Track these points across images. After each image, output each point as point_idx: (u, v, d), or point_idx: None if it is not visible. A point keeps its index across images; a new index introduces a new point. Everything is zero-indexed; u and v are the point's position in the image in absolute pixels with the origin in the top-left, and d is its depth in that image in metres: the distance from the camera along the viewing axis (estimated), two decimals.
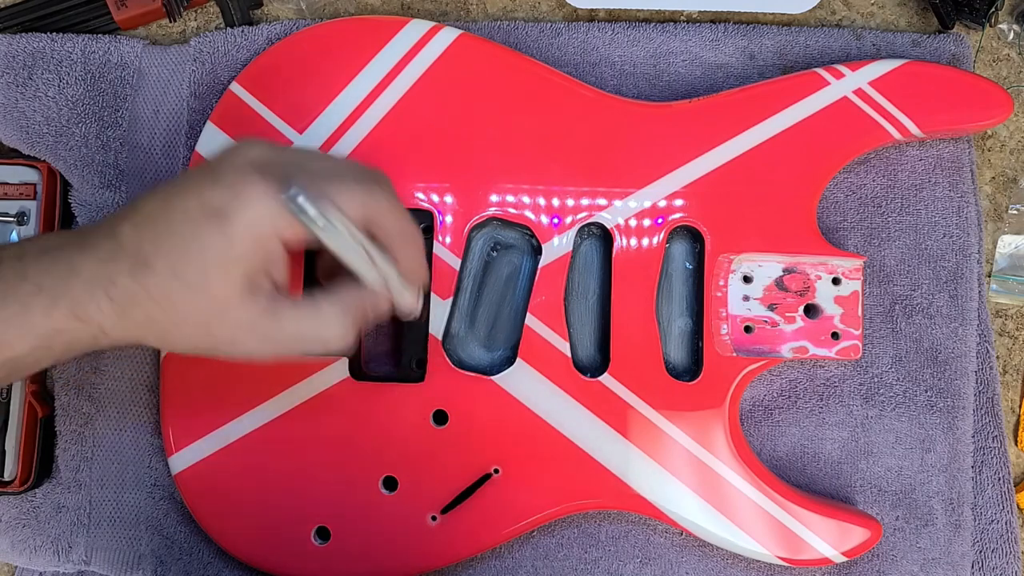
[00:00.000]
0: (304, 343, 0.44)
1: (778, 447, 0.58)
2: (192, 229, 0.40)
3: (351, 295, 0.45)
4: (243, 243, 0.40)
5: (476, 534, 0.55)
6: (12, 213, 0.59)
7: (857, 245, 0.59)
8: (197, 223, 0.40)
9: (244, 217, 0.40)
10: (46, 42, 0.60)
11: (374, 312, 0.46)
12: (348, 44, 0.57)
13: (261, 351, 0.43)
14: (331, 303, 0.44)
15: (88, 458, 0.58)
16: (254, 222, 0.40)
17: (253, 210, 0.40)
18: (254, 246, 0.41)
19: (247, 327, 0.42)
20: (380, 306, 0.46)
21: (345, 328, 0.44)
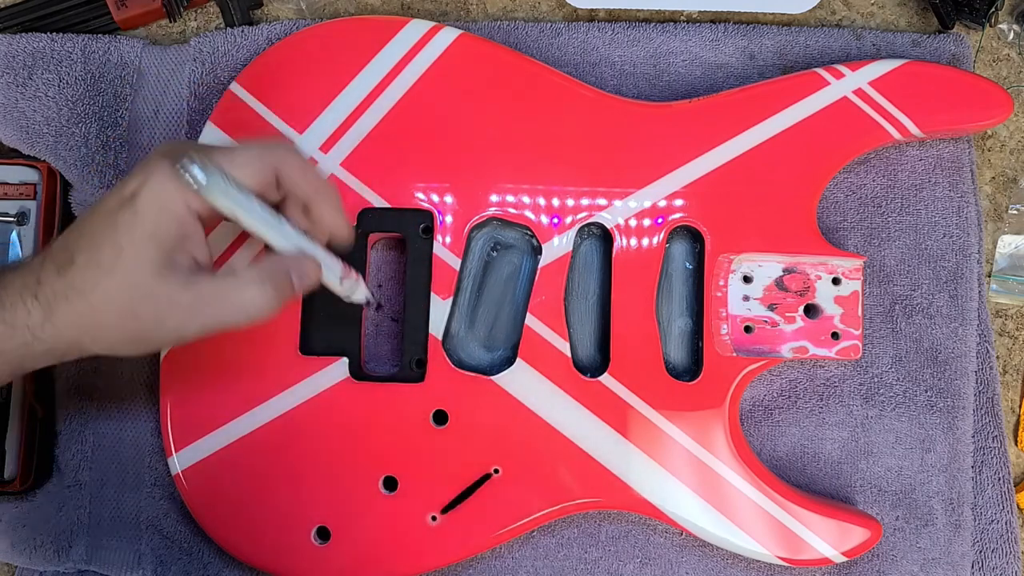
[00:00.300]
0: (226, 313, 0.45)
1: (778, 447, 0.58)
2: (108, 219, 0.43)
3: (270, 261, 0.46)
4: (151, 218, 0.43)
5: (476, 534, 0.55)
6: (12, 213, 0.59)
7: (857, 245, 0.59)
8: (112, 213, 0.43)
9: (150, 193, 0.43)
10: (46, 42, 0.60)
11: (300, 279, 0.47)
12: (348, 44, 0.57)
13: (186, 326, 0.44)
14: (249, 271, 0.45)
15: (88, 458, 0.58)
16: (159, 197, 0.43)
17: (158, 186, 0.43)
18: (164, 220, 0.43)
19: (167, 302, 0.44)
20: (305, 272, 0.47)
21: (265, 294, 0.45)
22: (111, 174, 0.59)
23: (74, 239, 0.44)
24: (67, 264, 0.43)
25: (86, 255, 0.43)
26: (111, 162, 0.59)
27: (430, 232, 0.56)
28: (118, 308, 0.43)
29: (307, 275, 0.47)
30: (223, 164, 0.44)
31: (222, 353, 0.55)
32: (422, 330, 0.55)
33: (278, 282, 0.46)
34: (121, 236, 0.42)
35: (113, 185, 0.59)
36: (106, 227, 0.43)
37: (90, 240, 0.43)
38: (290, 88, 0.57)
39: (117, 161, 0.60)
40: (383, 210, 0.56)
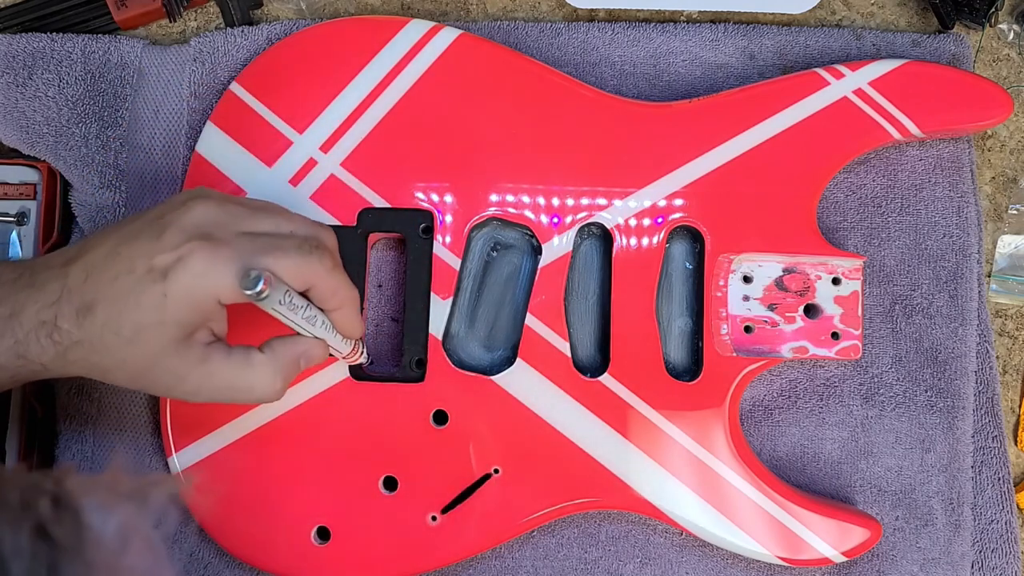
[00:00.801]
0: (234, 392, 0.46)
1: (778, 447, 0.58)
2: (133, 285, 0.42)
3: (284, 348, 0.47)
4: (180, 307, 0.42)
5: (476, 534, 0.55)
6: (12, 213, 0.59)
7: (857, 245, 0.59)
8: (139, 280, 0.42)
9: (183, 283, 0.42)
10: (46, 42, 0.60)
11: (307, 362, 0.48)
12: (348, 44, 0.57)
13: (196, 398, 0.46)
14: (263, 359, 0.46)
15: (88, 458, 0.58)
16: (193, 288, 0.42)
17: (193, 277, 0.42)
18: (192, 310, 0.43)
19: (178, 377, 0.44)
20: (312, 357, 0.48)
21: (275, 380, 0.46)
22: (111, 174, 0.59)
23: (93, 285, 0.43)
24: (86, 312, 0.43)
25: (107, 315, 0.42)
26: (111, 162, 0.59)
27: (430, 232, 0.56)
28: (132, 372, 0.44)
29: (315, 359, 0.48)
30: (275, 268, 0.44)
31: None
32: (422, 330, 0.55)
33: (288, 370, 0.47)
34: (144, 314, 0.42)
35: (114, 185, 0.59)
36: (130, 297, 0.42)
37: (111, 300, 0.43)
38: (290, 88, 0.57)
39: (117, 161, 0.60)
40: (383, 210, 0.56)
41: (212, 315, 0.44)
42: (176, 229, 0.43)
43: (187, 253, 0.42)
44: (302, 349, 0.47)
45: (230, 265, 0.42)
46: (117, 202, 0.59)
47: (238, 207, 0.46)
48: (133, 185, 0.60)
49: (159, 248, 0.43)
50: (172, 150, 0.60)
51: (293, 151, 0.56)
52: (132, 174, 0.60)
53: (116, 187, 0.59)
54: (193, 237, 0.43)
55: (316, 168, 0.56)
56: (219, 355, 0.45)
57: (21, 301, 0.43)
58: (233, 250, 0.43)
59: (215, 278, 0.42)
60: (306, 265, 0.45)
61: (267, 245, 0.44)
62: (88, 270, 0.43)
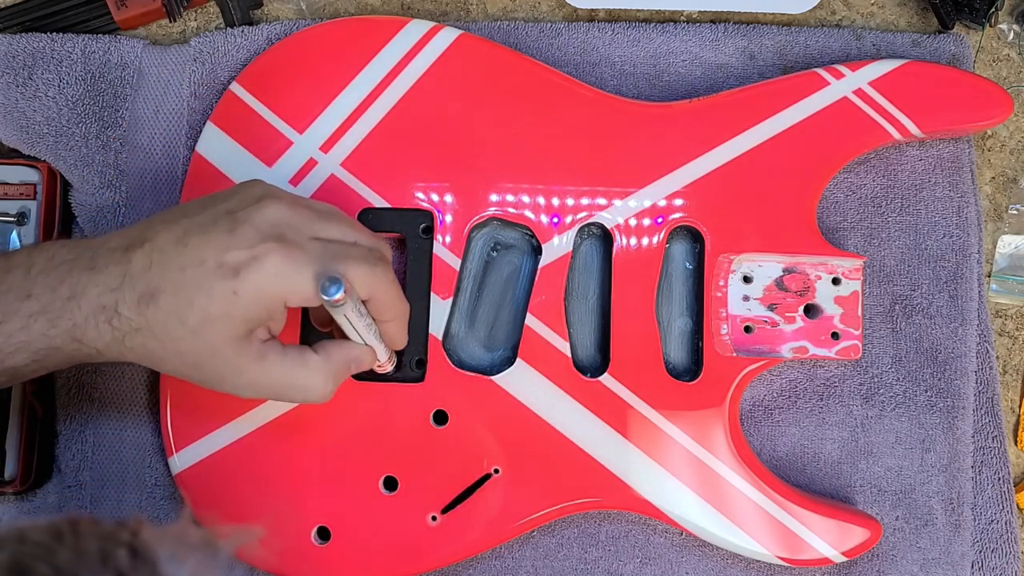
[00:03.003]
0: (287, 391, 0.47)
1: (778, 447, 0.58)
2: (203, 278, 0.43)
3: (338, 352, 0.48)
4: (250, 305, 0.43)
5: (476, 534, 0.55)
6: (12, 213, 0.59)
7: (857, 245, 0.59)
8: (211, 275, 0.43)
9: (256, 282, 0.43)
10: (46, 42, 0.60)
11: (356, 367, 0.49)
12: (348, 44, 0.57)
13: (245, 392, 0.46)
14: (318, 361, 0.47)
15: (88, 458, 0.58)
16: (264, 288, 0.43)
17: (266, 278, 0.43)
18: (260, 309, 0.44)
19: (235, 370, 0.45)
20: (362, 363, 0.49)
21: (327, 381, 0.47)
22: (111, 174, 0.59)
23: (159, 272, 0.43)
24: (149, 300, 0.43)
25: (173, 304, 0.43)
26: (111, 162, 0.59)
27: (430, 232, 0.56)
28: (188, 361, 0.45)
29: (364, 364, 0.49)
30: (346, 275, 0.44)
31: None
32: (422, 330, 0.55)
33: (340, 374, 0.48)
34: (214, 308, 0.43)
35: (114, 185, 0.59)
36: (200, 287, 0.43)
37: (177, 290, 0.43)
38: (290, 88, 0.57)
39: (117, 161, 0.60)
40: (383, 210, 0.56)
41: (276, 315, 0.45)
42: (250, 227, 0.44)
43: (262, 253, 0.43)
44: (355, 354, 0.48)
45: (303, 269, 0.43)
46: (117, 202, 0.59)
47: (308, 210, 0.46)
48: (133, 185, 0.60)
49: (233, 244, 0.43)
50: (172, 150, 0.60)
51: (293, 151, 0.56)
52: (132, 174, 0.60)
53: (116, 187, 0.59)
54: (268, 238, 0.43)
55: (316, 168, 0.56)
56: (275, 353, 0.45)
57: (82, 284, 0.43)
58: (306, 254, 0.43)
59: (287, 281, 0.43)
60: (372, 276, 0.46)
61: (339, 253, 0.45)
62: (152, 258, 0.43)
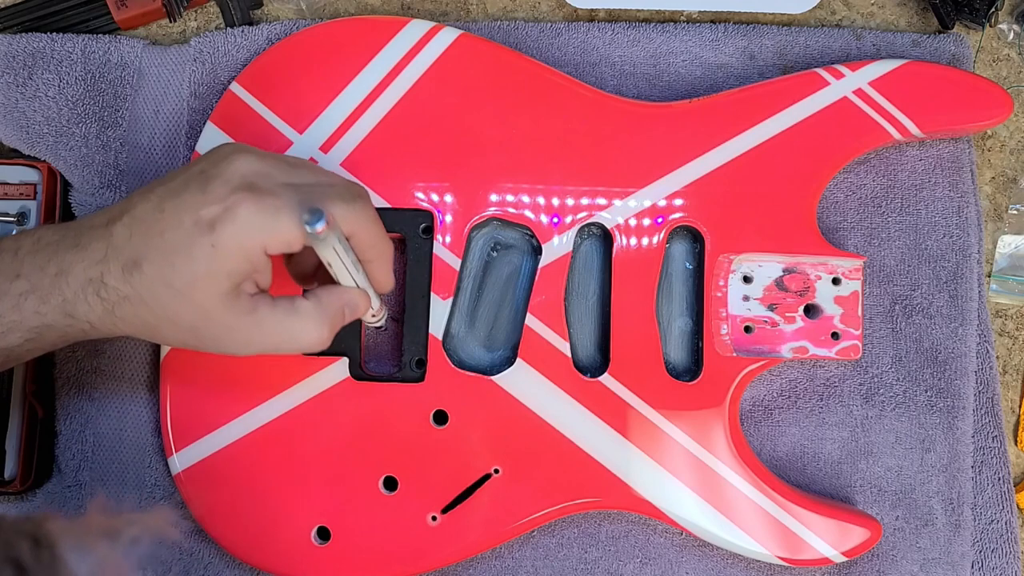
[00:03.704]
0: (283, 342, 0.46)
1: (778, 447, 0.58)
2: (183, 239, 0.43)
3: (329, 296, 0.47)
4: (231, 257, 0.43)
5: (476, 534, 0.55)
6: (12, 213, 0.59)
7: (857, 245, 0.59)
8: (189, 234, 0.43)
9: (233, 233, 0.42)
10: (46, 42, 0.60)
11: (351, 313, 0.48)
12: (348, 44, 0.57)
13: (244, 350, 0.46)
14: (309, 307, 0.46)
15: (88, 458, 0.58)
16: (243, 238, 0.43)
17: (242, 227, 0.42)
18: (241, 259, 0.43)
19: (228, 329, 0.45)
20: (357, 307, 0.48)
21: (320, 327, 0.46)
22: (111, 174, 0.59)
23: (141, 241, 0.43)
24: (133, 268, 0.43)
25: (156, 268, 0.43)
26: (111, 162, 0.59)
27: (430, 232, 0.56)
28: (181, 325, 0.45)
29: (358, 309, 0.48)
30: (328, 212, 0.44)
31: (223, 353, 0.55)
32: (422, 330, 0.55)
33: (334, 319, 0.47)
34: (198, 266, 0.43)
35: (114, 185, 0.59)
36: (181, 249, 0.43)
37: (160, 255, 0.43)
38: (290, 88, 0.57)
39: (117, 161, 0.60)
40: (383, 210, 0.56)
41: (259, 266, 0.44)
42: (220, 181, 0.43)
43: (234, 204, 0.43)
44: (347, 298, 0.47)
45: (277, 214, 0.43)
46: (117, 202, 0.59)
47: (278, 160, 0.46)
48: (133, 185, 0.60)
49: (205, 201, 0.43)
50: (172, 150, 0.60)
51: (293, 151, 0.56)
52: (132, 174, 0.60)
53: (116, 187, 0.59)
54: (238, 188, 0.43)
55: None
56: (265, 305, 0.45)
57: (68, 261, 0.44)
58: (279, 199, 0.43)
59: (263, 227, 0.43)
60: (352, 211, 0.45)
61: (314, 192, 0.44)
62: (132, 227, 0.44)
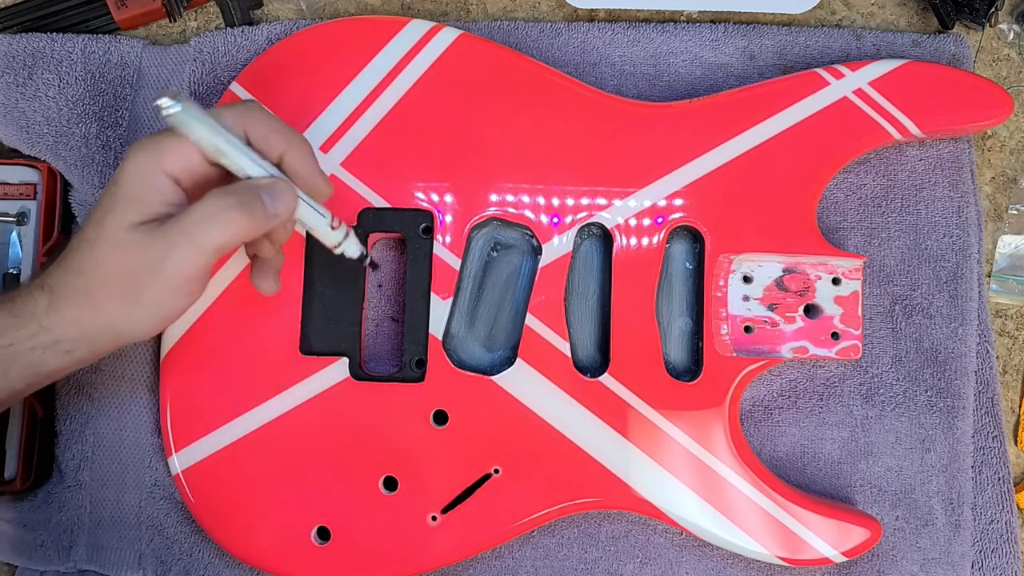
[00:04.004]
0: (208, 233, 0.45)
1: (778, 447, 0.58)
2: (98, 205, 0.46)
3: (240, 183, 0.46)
4: (127, 185, 0.45)
5: (476, 534, 0.55)
6: (12, 213, 0.59)
7: (857, 245, 0.59)
8: (101, 198, 0.46)
9: (126, 171, 0.45)
10: (46, 42, 0.60)
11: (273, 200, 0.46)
12: (348, 44, 0.57)
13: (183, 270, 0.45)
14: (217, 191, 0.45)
15: (88, 458, 0.58)
16: (134, 169, 0.45)
17: (131, 162, 0.45)
18: (139, 185, 0.45)
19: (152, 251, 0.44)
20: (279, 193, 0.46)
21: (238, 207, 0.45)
22: (111, 174, 0.59)
23: (55, 271, 0.47)
24: (67, 254, 0.46)
25: (77, 239, 0.46)
26: (111, 162, 0.59)
27: (430, 232, 0.56)
28: (110, 271, 0.45)
29: (281, 197, 0.46)
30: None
31: (222, 353, 0.55)
32: (422, 330, 0.55)
33: (243, 196, 0.45)
34: (102, 208, 0.45)
35: None
36: (92, 211, 0.46)
37: (83, 227, 0.46)
38: (290, 88, 0.57)
39: (117, 161, 0.59)
40: (383, 210, 0.56)
41: (167, 193, 0.45)
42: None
43: (129, 152, 0.46)
44: (259, 182, 0.46)
45: (159, 136, 0.45)
46: None
47: None
48: None
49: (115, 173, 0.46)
50: None
51: None
52: None
53: None
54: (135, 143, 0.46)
55: None
56: (177, 216, 0.45)
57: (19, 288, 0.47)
58: (162, 133, 0.46)
59: (151, 152, 0.45)
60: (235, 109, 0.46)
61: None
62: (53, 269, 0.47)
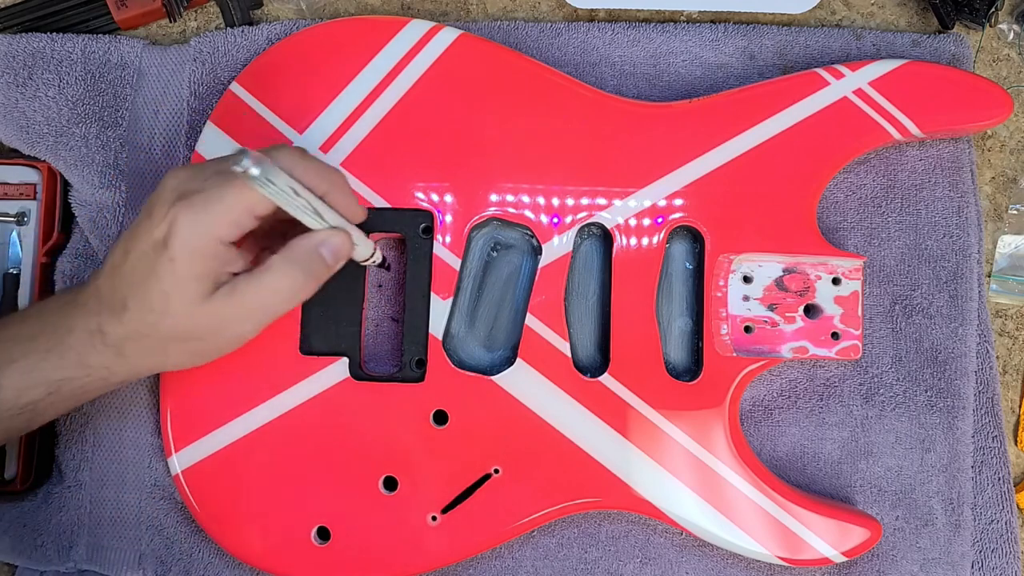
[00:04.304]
0: (270, 303, 0.48)
1: (778, 447, 0.58)
2: (148, 265, 0.46)
3: (298, 243, 0.49)
4: (187, 262, 0.46)
5: (476, 534, 0.55)
6: (12, 213, 0.59)
7: (857, 245, 0.59)
8: (150, 259, 0.46)
9: (181, 242, 0.46)
10: (46, 42, 0.60)
11: (332, 252, 0.49)
12: (348, 44, 0.57)
13: (244, 330, 0.49)
14: (278, 261, 0.48)
15: (88, 458, 0.58)
16: (191, 242, 0.46)
17: (187, 233, 0.46)
18: (199, 261, 0.46)
19: (223, 321, 0.48)
20: (335, 246, 0.49)
21: (294, 273, 0.48)
22: (111, 174, 0.59)
23: (120, 284, 0.47)
24: (121, 309, 0.47)
25: (137, 301, 0.47)
26: (111, 162, 0.59)
27: (430, 232, 0.56)
28: (179, 338, 0.48)
29: (340, 249, 0.49)
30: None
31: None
32: (422, 330, 0.55)
33: (309, 262, 0.48)
34: (164, 283, 0.46)
35: (114, 185, 0.59)
36: (148, 274, 0.46)
37: (137, 287, 0.47)
38: (290, 88, 0.57)
39: (117, 161, 0.60)
40: (383, 210, 0.56)
41: (223, 257, 0.47)
42: (159, 202, 0.47)
43: (173, 217, 0.46)
44: (319, 239, 0.49)
45: (208, 205, 0.46)
46: (117, 202, 0.59)
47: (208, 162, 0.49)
48: (133, 185, 0.60)
49: (152, 224, 0.46)
50: (172, 150, 0.60)
51: None
52: (132, 174, 0.60)
53: (116, 187, 0.59)
54: (174, 202, 0.46)
55: None
56: (242, 282, 0.48)
57: (73, 317, 0.48)
58: (206, 192, 0.46)
59: (203, 223, 0.46)
60: (279, 154, 0.47)
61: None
62: (112, 275, 0.48)
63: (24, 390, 0.48)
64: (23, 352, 0.48)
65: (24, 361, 0.48)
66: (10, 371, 0.48)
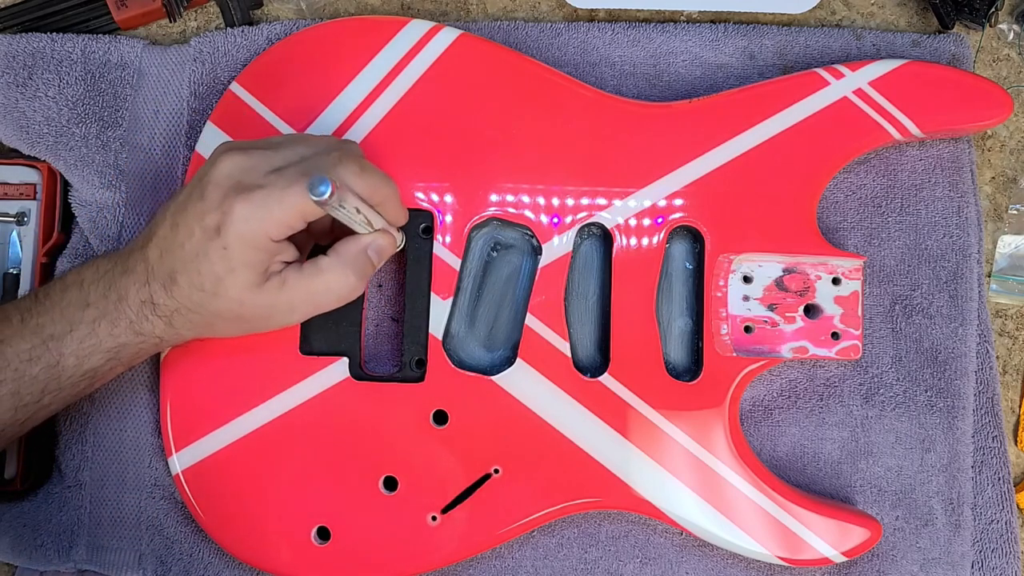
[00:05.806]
0: (317, 297, 0.51)
1: (778, 447, 0.58)
2: (199, 247, 0.48)
3: (347, 245, 0.51)
4: (242, 253, 0.48)
5: (476, 534, 0.55)
6: (12, 213, 0.59)
7: (857, 245, 0.59)
8: (201, 242, 0.48)
9: (236, 234, 0.47)
10: (46, 42, 0.60)
11: (377, 254, 0.52)
12: (348, 44, 0.57)
13: (289, 319, 0.51)
14: (331, 262, 0.50)
15: (88, 458, 0.58)
16: (246, 235, 0.47)
17: (242, 226, 0.47)
18: (251, 252, 0.48)
19: (269, 307, 0.50)
20: (382, 247, 0.52)
21: (345, 274, 0.50)
22: (111, 174, 0.59)
23: (168, 257, 0.49)
24: (172, 283, 0.49)
25: (188, 278, 0.48)
26: (111, 162, 0.59)
27: (430, 232, 0.56)
28: (228, 318, 0.50)
29: (385, 250, 0.52)
30: None
31: (222, 353, 0.55)
32: (422, 330, 0.55)
33: (358, 264, 0.51)
34: (217, 267, 0.48)
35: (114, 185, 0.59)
36: (202, 257, 0.48)
37: (188, 263, 0.48)
38: (290, 88, 0.57)
39: (117, 161, 0.60)
40: None
41: (273, 250, 0.49)
42: (213, 187, 0.48)
43: (228, 207, 0.47)
44: (367, 241, 0.51)
45: (267, 204, 0.47)
46: (117, 202, 0.59)
47: (261, 150, 0.50)
48: (133, 185, 0.60)
49: (205, 208, 0.48)
50: (172, 150, 0.60)
51: None
52: (132, 174, 0.60)
53: (116, 187, 0.59)
54: (230, 191, 0.48)
55: None
56: (293, 275, 0.50)
57: (123, 286, 0.50)
58: (266, 189, 0.47)
59: (260, 219, 0.47)
60: (345, 171, 0.49)
61: (296, 172, 0.48)
62: (160, 246, 0.49)
63: (85, 357, 0.50)
64: (79, 320, 0.50)
65: (80, 329, 0.50)
66: (69, 339, 0.49)
